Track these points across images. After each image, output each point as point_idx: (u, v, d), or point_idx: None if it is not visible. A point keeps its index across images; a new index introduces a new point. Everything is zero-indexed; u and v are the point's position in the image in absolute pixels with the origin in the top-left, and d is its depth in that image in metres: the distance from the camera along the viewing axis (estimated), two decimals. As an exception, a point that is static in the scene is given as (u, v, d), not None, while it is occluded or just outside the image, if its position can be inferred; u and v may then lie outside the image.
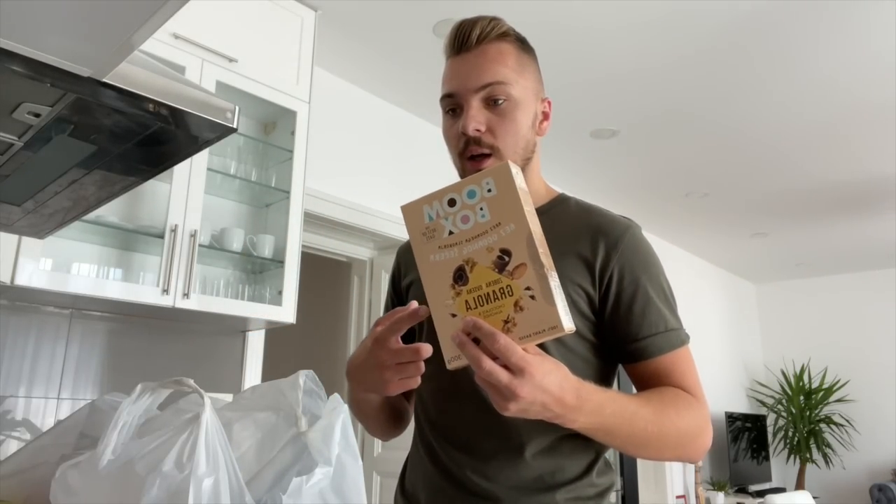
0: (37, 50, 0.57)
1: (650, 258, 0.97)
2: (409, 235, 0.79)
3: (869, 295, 6.34)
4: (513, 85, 0.94)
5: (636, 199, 4.49)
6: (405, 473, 1.06)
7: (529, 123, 0.98)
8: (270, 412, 0.70)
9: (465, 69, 0.96)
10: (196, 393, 0.64)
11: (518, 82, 0.95)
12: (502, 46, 0.96)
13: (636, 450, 0.87)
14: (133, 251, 2.08)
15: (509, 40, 0.98)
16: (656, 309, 0.93)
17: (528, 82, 0.98)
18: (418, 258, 0.76)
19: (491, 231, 0.72)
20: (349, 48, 2.70)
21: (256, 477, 0.65)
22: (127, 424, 0.64)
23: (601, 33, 2.57)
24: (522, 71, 0.97)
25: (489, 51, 0.95)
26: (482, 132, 0.94)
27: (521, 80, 0.96)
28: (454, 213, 0.74)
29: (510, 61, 0.96)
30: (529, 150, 0.99)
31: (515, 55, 0.97)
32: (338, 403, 0.70)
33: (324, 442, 0.66)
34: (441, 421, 0.98)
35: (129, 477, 0.57)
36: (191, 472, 0.56)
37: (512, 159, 0.94)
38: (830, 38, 2.59)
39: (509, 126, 0.95)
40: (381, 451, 3.14)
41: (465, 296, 0.72)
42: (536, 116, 1.00)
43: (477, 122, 0.93)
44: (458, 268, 0.73)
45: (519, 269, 0.70)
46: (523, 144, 0.97)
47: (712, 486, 5.17)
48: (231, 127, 0.75)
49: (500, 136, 0.94)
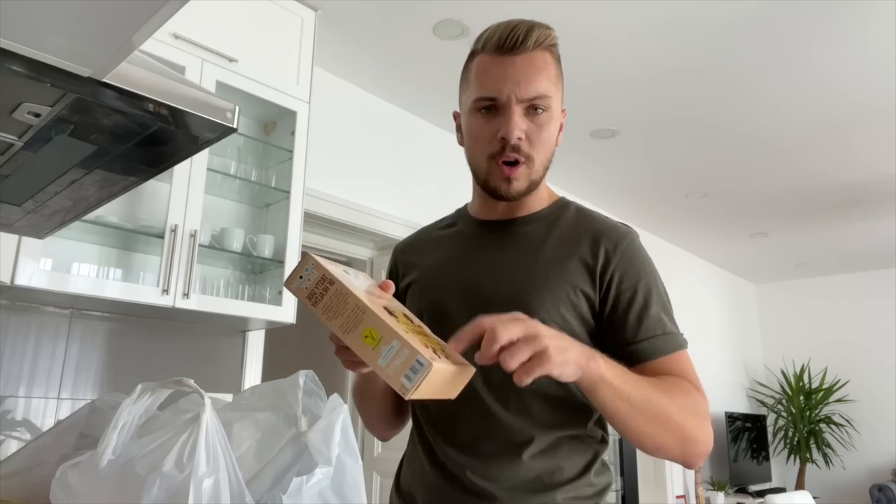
0: (37, 50, 0.57)
1: (648, 264, 0.99)
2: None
3: (869, 295, 6.34)
4: (553, 98, 0.96)
5: (636, 199, 4.49)
6: (401, 472, 1.06)
7: (556, 135, 1.00)
8: (270, 412, 0.70)
9: (512, 73, 0.95)
10: (196, 393, 0.64)
11: (556, 95, 0.97)
12: (547, 56, 0.97)
13: (646, 422, 0.84)
14: (133, 251, 2.08)
15: (552, 52, 0.99)
16: (655, 312, 0.94)
17: (560, 95, 1.00)
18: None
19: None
20: (349, 48, 2.70)
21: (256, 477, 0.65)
22: (127, 424, 0.64)
23: (601, 34, 2.57)
24: (559, 83, 0.99)
25: (536, 59, 0.95)
26: (522, 140, 0.95)
27: (557, 93, 0.98)
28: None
29: (553, 73, 0.97)
30: (550, 161, 1.01)
31: (556, 68, 0.99)
32: (338, 403, 0.70)
33: (324, 442, 0.66)
34: (441, 421, 0.98)
35: (129, 477, 0.57)
36: (191, 473, 0.56)
37: (540, 170, 0.98)
38: (829, 40, 2.59)
39: (545, 137, 0.96)
40: (381, 451, 3.14)
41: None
42: (559, 128, 1.02)
43: (521, 129, 0.94)
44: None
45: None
46: (549, 155, 0.99)
47: (712, 486, 5.17)
48: (231, 127, 0.75)
49: (535, 146, 0.96)
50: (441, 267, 1.04)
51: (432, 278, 1.04)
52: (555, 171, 1.07)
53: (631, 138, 3.56)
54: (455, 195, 1.36)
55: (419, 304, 1.03)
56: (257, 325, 2.33)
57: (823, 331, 6.53)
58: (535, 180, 0.98)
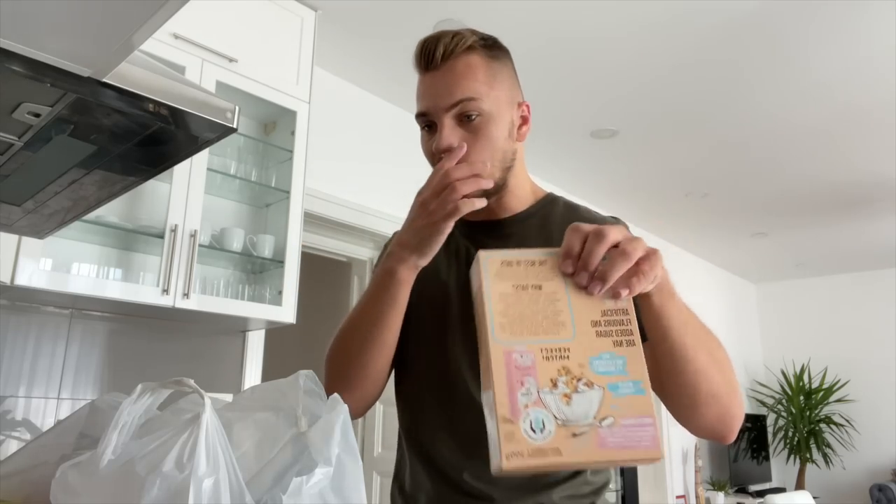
0: (37, 50, 0.57)
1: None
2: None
3: (869, 295, 6.34)
4: (483, 99, 0.93)
5: (636, 199, 4.49)
6: (399, 473, 1.06)
7: (505, 134, 0.96)
8: (270, 412, 0.70)
9: (434, 87, 0.95)
10: (196, 393, 0.64)
11: (489, 94, 0.94)
12: (470, 60, 0.95)
13: (705, 357, 0.81)
14: (133, 251, 2.08)
15: (477, 52, 0.96)
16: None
17: (500, 92, 0.96)
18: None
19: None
20: (349, 48, 2.70)
21: (256, 477, 0.65)
22: (127, 424, 0.64)
23: (602, 35, 2.57)
24: (493, 82, 0.95)
25: (457, 66, 0.94)
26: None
27: (492, 91, 0.94)
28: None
29: (479, 74, 0.94)
30: (508, 160, 0.97)
31: (485, 66, 0.95)
32: (338, 403, 0.70)
33: (324, 442, 0.66)
34: (437, 424, 0.98)
35: (129, 477, 0.57)
36: (191, 473, 0.56)
37: (494, 171, 0.94)
38: (829, 40, 2.59)
39: (484, 142, 0.93)
40: (381, 451, 3.14)
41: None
42: (513, 124, 0.98)
43: (450, 141, 0.92)
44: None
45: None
46: (500, 156, 0.95)
47: (712, 486, 5.17)
48: (231, 127, 0.75)
49: (475, 152, 0.93)
50: (435, 268, 1.02)
51: (428, 278, 1.02)
52: (555, 172, 1.07)
53: (631, 138, 3.56)
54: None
55: (419, 299, 1.02)
56: (257, 325, 2.33)
57: (823, 331, 6.53)
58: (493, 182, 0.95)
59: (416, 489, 1.00)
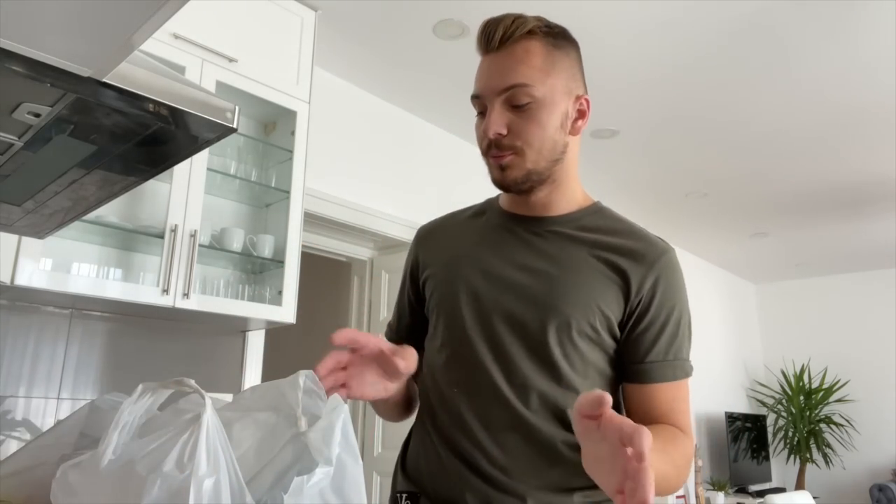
0: (37, 50, 0.57)
1: (681, 287, 0.97)
2: None
3: (869, 295, 6.34)
4: (537, 86, 0.92)
5: (636, 199, 4.49)
6: (406, 454, 1.05)
7: (557, 124, 0.95)
8: (270, 412, 0.70)
9: (490, 70, 0.95)
10: (196, 393, 0.64)
11: (544, 82, 0.93)
12: (529, 45, 0.94)
13: (664, 482, 0.83)
14: (133, 251, 2.08)
15: (537, 38, 0.94)
16: (670, 337, 0.94)
17: (557, 80, 0.94)
18: None
19: None
20: (349, 48, 2.70)
21: (256, 477, 0.65)
22: (128, 424, 0.64)
23: (602, 35, 2.57)
24: (551, 69, 0.94)
25: (515, 51, 0.94)
26: (503, 135, 0.93)
27: (548, 79, 0.93)
28: None
29: (536, 60, 0.93)
30: (558, 152, 0.96)
31: (543, 53, 0.94)
32: (338, 403, 0.70)
33: (324, 442, 0.66)
34: (462, 416, 0.96)
35: (129, 477, 0.57)
36: (191, 473, 0.56)
37: (540, 160, 0.94)
38: (829, 41, 2.59)
39: (533, 128, 0.93)
40: (381, 450, 3.14)
41: None
42: (567, 116, 0.96)
43: (498, 125, 0.92)
44: None
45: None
46: (550, 146, 0.94)
47: (712, 486, 5.17)
48: (231, 127, 0.75)
49: (522, 138, 0.93)
50: (469, 255, 1.02)
51: (461, 265, 1.02)
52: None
53: (631, 138, 3.56)
54: (455, 195, 1.36)
55: (449, 287, 1.01)
56: (257, 325, 2.33)
57: (823, 331, 6.53)
58: (535, 170, 0.95)
59: (423, 468, 0.99)
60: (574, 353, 0.93)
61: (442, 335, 1.01)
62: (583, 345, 0.93)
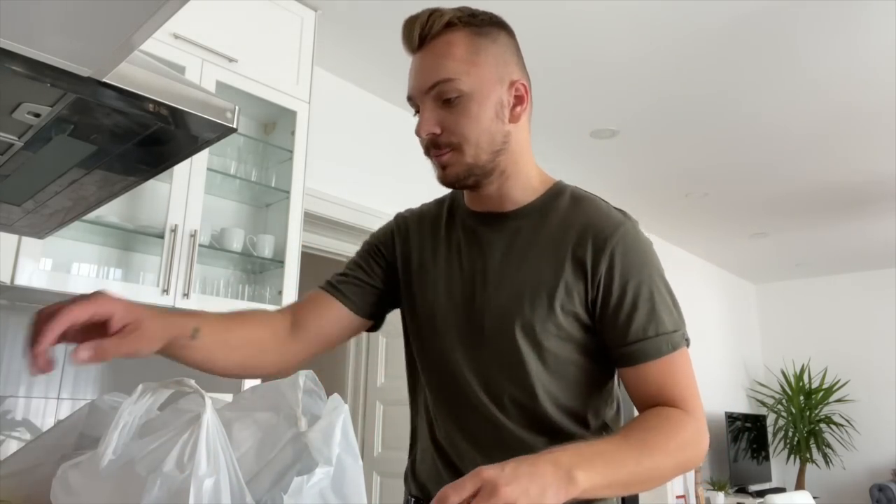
0: (37, 50, 0.57)
1: (644, 258, 0.91)
2: None
3: (869, 295, 6.34)
4: (462, 78, 0.89)
5: (636, 199, 4.49)
6: (416, 461, 1.05)
7: (492, 114, 0.91)
8: (270, 412, 0.70)
9: (415, 70, 0.94)
10: (197, 393, 0.64)
11: (470, 73, 0.89)
12: (450, 37, 0.91)
13: (642, 484, 0.81)
14: (133, 251, 2.08)
15: (458, 29, 0.91)
16: (647, 314, 0.89)
17: (484, 69, 0.91)
18: None
19: None
20: (349, 48, 2.70)
21: (257, 477, 0.65)
22: (128, 425, 0.64)
23: (602, 34, 2.57)
24: (476, 59, 0.90)
25: (437, 46, 0.92)
26: (438, 134, 0.91)
27: (474, 69, 0.90)
28: None
29: (459, 52, 0.90)
30: (498, 143, 0.92)
31: (465, 43, 0.91)
32: (338, 403, 0.70)
33: (324, 442, 0.66)
34: (455, 427, 0.97)
35: (129, 477, 0.57)
36: (191, 473, 0.56)
37: (475, 154, 0.91)
38: (829, 40, 2.59)
39: (465, 122, 0.90)
40: (381, 451, 3.14)
41: None
42: (503, 104, 0.92)
43: (429, 124, 0.91)
44: None
45: None
46: (487, 138, 0.91)
47: (712, 486, 5.17)
48: (231, 127, 0.75)
49: (457, 133, 0.90)
50: (436, 267, 1.01)
51: (427, 282, 1.01)
52: (554, 172, 1.05)
53: (631, 138, 3.56)
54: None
55: (418, 303, 1.01)
56: (257, 325, 2.32)
57: (823, 331, 6.53)
58: (477, 164, 0.92)
59: (431, 481, 0.99)
60: (545, 353, 0.91)
61: (420, 359, 1.02)
62: (551, 344, 0.91)
